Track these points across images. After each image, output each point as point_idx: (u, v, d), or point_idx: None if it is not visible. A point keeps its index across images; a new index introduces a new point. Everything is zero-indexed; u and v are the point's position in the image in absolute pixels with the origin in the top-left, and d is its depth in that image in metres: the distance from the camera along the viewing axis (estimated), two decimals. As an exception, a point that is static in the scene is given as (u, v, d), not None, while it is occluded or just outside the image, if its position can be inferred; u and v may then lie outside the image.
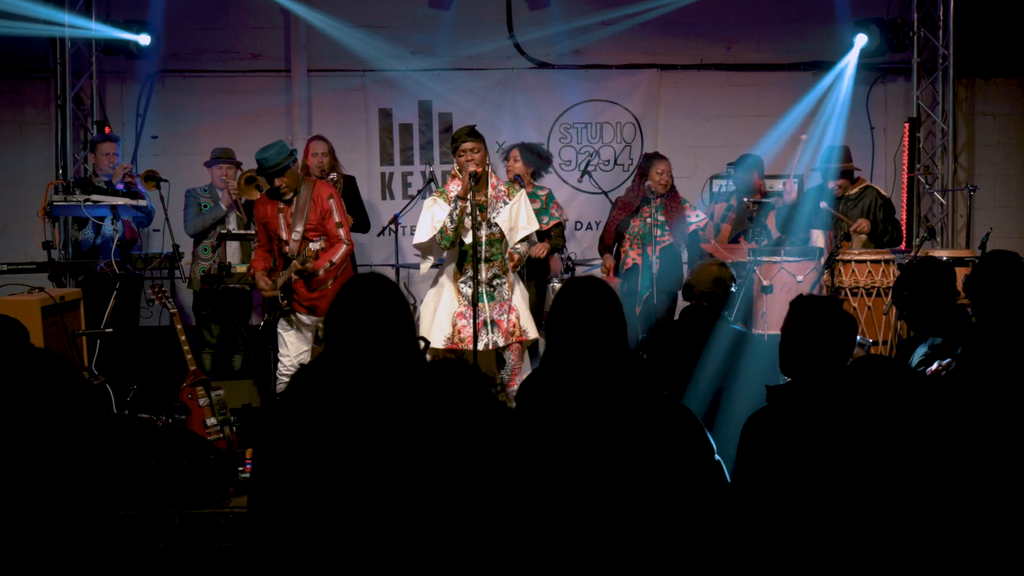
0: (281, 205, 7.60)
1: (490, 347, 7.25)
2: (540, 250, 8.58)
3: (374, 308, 3.37)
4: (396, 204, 10.71)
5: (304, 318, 7.63)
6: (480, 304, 7.23)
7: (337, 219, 7.62)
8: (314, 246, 7.40)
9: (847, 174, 8.88)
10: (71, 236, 9.45)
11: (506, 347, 7.36)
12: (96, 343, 7.85)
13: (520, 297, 7.49)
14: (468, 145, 7.26)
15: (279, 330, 7.71)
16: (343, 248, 7.58)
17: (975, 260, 8.16)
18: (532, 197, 8.68)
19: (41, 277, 8.07)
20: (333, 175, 9.09)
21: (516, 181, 8.57)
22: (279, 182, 7.50)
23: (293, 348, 7.65)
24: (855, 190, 8.80)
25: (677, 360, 5.78)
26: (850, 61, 10.77)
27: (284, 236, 7.58)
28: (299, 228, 7.54)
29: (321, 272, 7.49)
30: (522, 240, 7.46)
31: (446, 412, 3.03)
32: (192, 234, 9.12)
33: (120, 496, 6.23)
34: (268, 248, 7.81)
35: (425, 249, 7.47)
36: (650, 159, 9.18)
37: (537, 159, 9.06)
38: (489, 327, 7.26)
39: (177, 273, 8.88)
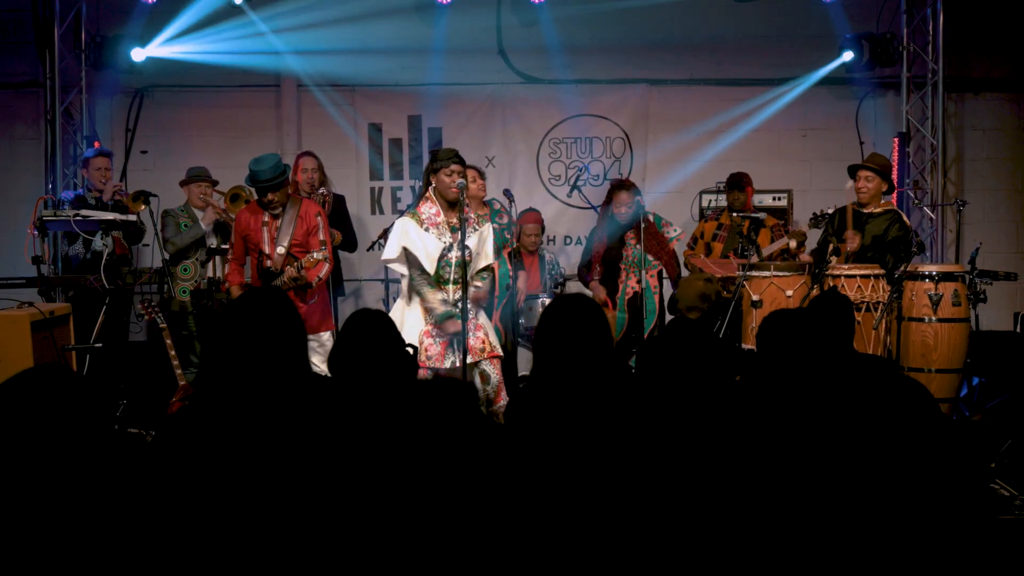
0: (266, 219, 7.57)
1: (456, 364, 7.14)
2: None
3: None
4: (385, 219, 10.67)
5: None
6: (445, 323, 7.19)
7: (322, 237, 7.61)
8: (317, 255, 7.39)
9: (883, 173, 8.61)
10: (61, 251, 9.42)
11: (477, 363, 7.27)
12: (86, 358, 7.83)
13: (484, 316, 7.40)
14: (462, 168, 7.18)
15: None
16: (327, 267, 7.57)
17: (965, 275, 8.16)
18: (499, 212, 8.80)
19: (31, 292, 8.04)
20: (322, 190, 9.08)
21: (485, 204, 8.58)
22: (271, 196, 7.49)
23: None
24: (880, 209, 8.59)
25: (664, 375, 5.76)
26: (815, 74, 10.94)
27: (267, 250, 7.55)
28: (284, 243, 7.51)
29: (314, 284, 7.49)
30: (482, 273, 7.39)
31: (431, 427, 3.02)
32: (173, 252, 9.02)
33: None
34: (243, 262, 7.80)
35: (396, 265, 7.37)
36: (613, 189, 9.20)
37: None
38: (455, 346, 7.20)
39: (167, 288, 8.85)
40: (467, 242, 7.11)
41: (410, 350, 4.08)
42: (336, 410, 3.42)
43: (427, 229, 7.15)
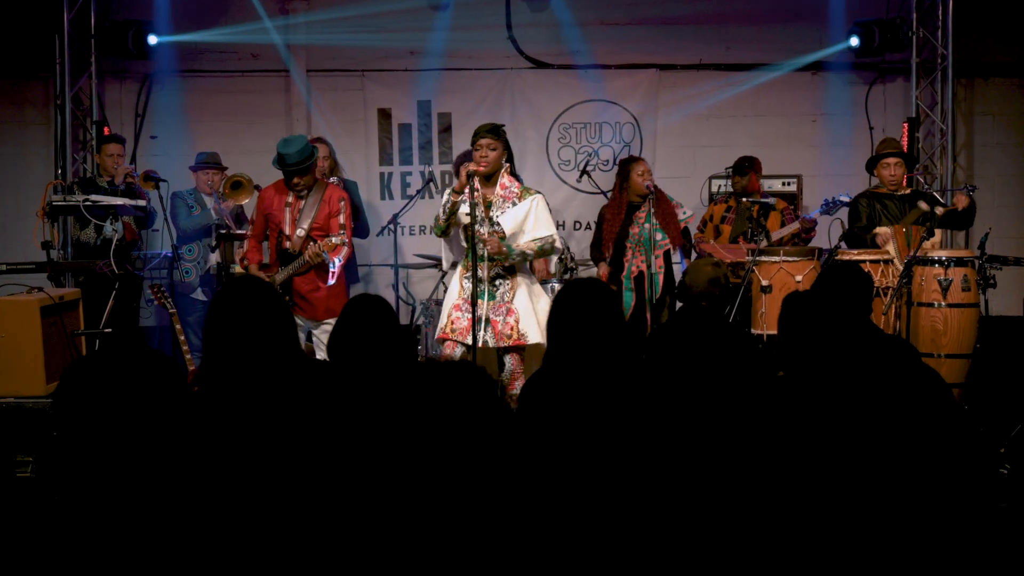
0: (289, 199, 7.68)
1: (479, 344, 7.16)
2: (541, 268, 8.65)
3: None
4: (395, 204, 10.68)
5: (298, 319, 7.58)
6: (479, 301, 7.17)
7: (342, 221, 7.70)
8: (335, 239, 7.47)
9: (906, 158, 8.87)
10: (72, 236, 9.43)
11: (506, 350, 7.25)
12: (95, 343, 7.84)
13: (525, 299, 7.28)
14: (484, 141, 7.20)
15: None
16: (345, 251, 7.67)
17: (974, 260, 8.15)
18: None
19: (40, 277, 8.04)
20: (333, 179, 9.09)
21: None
22: (298, 180, 7.59)
23: None
24: (909, 191, 8.71)
25: (676, 361, 5.75)
26: (824, 59, 11.00)
27: (287, 231, 7.63)
28: (305, 225, 7.60)
29: (335, 265, 7.55)
30: (533, 240, 7.33)
31: (446, 412, 3.02)
32: (189, 233, 9.10)
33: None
34: (262, 239, 7.86)
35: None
36: (627, 163, 9.28)
37: None
38: (483, 325, 7.20)
39: (176, 275, 8.88)
40: (499, 218, 7.18)
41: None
42: (337, 395, 3.43)
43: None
